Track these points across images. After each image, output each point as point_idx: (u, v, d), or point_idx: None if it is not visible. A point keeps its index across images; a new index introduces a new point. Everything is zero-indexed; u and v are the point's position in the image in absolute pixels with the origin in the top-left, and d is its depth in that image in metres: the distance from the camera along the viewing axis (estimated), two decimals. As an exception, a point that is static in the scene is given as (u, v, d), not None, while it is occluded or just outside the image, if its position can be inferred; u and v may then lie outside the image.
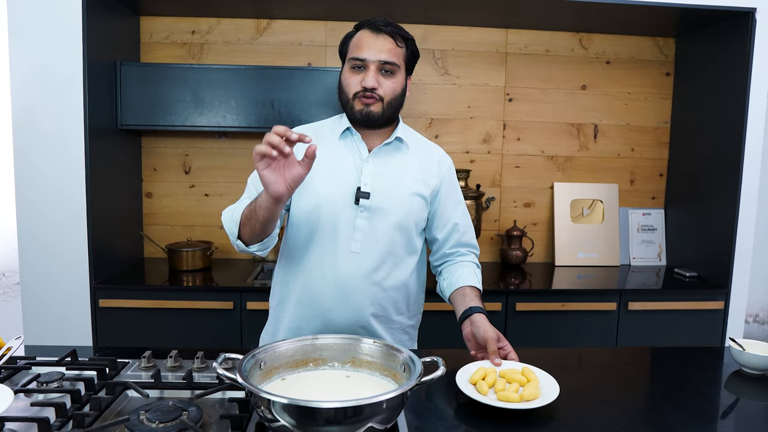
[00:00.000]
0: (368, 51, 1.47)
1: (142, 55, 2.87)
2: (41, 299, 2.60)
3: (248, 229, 1.39)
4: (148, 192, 2.96)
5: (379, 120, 1.52)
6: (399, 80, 1.52)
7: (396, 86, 1.51)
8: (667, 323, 2.61)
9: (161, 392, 1.20)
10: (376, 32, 1.48)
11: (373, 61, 1.47)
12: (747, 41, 2.52)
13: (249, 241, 1.42)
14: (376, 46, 1.47)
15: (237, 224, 1.42)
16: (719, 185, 2.70)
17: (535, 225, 3.12)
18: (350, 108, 1.51)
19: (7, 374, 1.25)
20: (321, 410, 0.92)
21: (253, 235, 1.40)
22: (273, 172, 1.22)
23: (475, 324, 1.44)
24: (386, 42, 1.48)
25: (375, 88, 1.48)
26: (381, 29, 1.48)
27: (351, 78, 1.50)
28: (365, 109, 1.49)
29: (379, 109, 1.50)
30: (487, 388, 1.22)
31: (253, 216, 1.36)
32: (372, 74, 1.47)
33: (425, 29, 2.94)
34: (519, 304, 2.51)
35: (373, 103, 1.49)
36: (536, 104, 3.06)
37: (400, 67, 1.51)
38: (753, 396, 1.35)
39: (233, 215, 1.44)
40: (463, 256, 1.67)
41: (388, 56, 1.48)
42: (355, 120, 1.53)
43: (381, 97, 1.49)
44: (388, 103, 1.50)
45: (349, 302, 1.54)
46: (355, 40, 1.51)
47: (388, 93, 1.50)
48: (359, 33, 1.51)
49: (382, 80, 1.49)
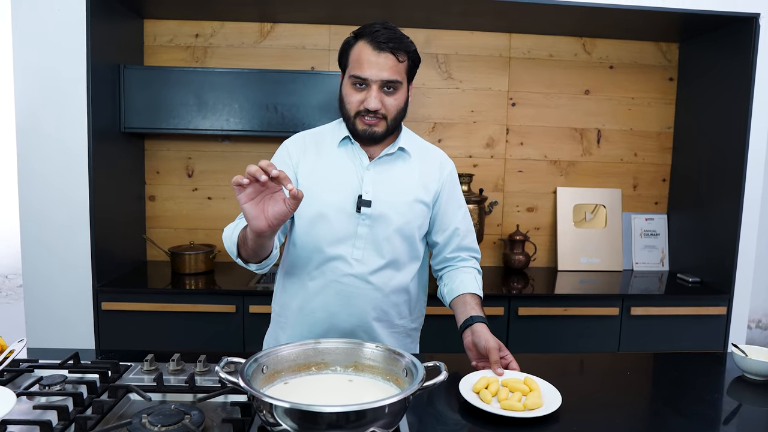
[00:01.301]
0: (369, 70, 1.42)
1: (146, 58, 2.88)
2: (44, 302, 2.60)
3: (244, 252, 1.40)
4: (150, 195, 2.96)
5: (383, 137, 1.51)
6: (401, 95, 1.49)
7: (399, 102, 1.49)
8: (669, 328, 2.60)
9: (163, 395, 1.20)
10: (377, 49, 1.42)
11: (374, 81, 1.43)
12: (750, 47, 2.52)
13: (248, 260, 1.43)
14: (378, 65, 1.42)
15: (236, 244, 1.42)
16: (722, 190, 2.69)
17: (538, 229, 3.12)
18: (352, 125, 1.50)
19: (9, 377, 1.25)
20: (323, 415, 0.92)
21: (249, 258, 1.40)
22: (254, 207, 1.18)
23: (476, 334, 1.43)
24: (388, 60, 1.43)
25: (378, 110, 1.45)
26: (382, 46, 1.42)
27: (353, 95, 1.47)
28: (369, 130, 1.48)
29: (383, 129, 1.49)
30: (490, 396, 1.22)
31: (243, 244, 1.37)
32: (374, 94, 1.44)
33: (428, 33, 2.95)
34: (521, 309, 2.51)
35: (376, 123, 1.47)
36: (539, 109, 3.06)
37: (402, 82, 1.48)
38: (755, 402, 1.35)
39: (232, 236, 1.43)
40: (464, 261, 1.67)
41: (390, 75, 1.44)
42: (356, 137, 1.52)
43: (384, 116, 1.47)
44: (391, 120, 1.49)
45: (352, 308, 1.54)
46: (355, 55, 1.46)
47: (392, 111, 1.48)
48: (359, 46, 1.45)
49: (385, 99, 1.46)
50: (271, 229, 1.21)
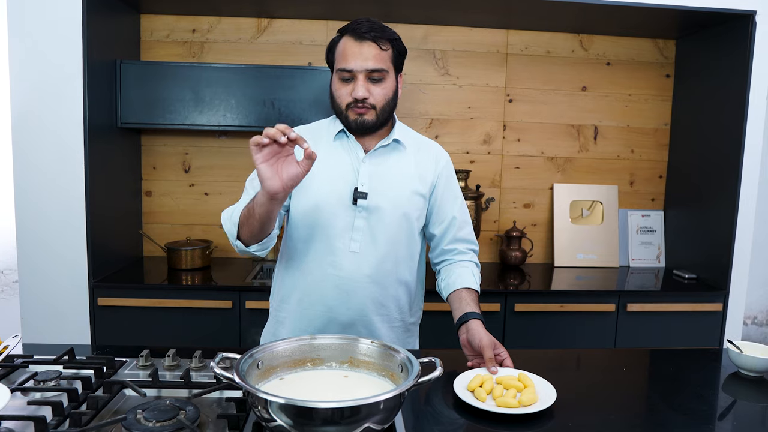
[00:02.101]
0: (354, 61, 1.45)
1: (143, 53, 2.87)
2: (39, 297, 2.60)
3: (247, 229, 1.39)
4: (147, 190, 2.96)
5: (374, 127, 1.52)
6: (389, 84, 1.51)
7: (387, 91, 1.50)
8: (665, 325, 2.61)
9: (159, 391, 1.20)
10: (359, 40, 1.45)
11: (360, 71, 1.45)
12: (747, 44, 2.52)
13: (248, 241, 1.42)
14: (362, 55, 1.45)
15: (236, 225, 1.42)
16: (718, 187, 2.70)
17: (535, 226, 3.12)
18: (344, 118, 1.52)
19: (4, 372, 1.25)
20: (318, 410, 0.92)
21: (252, 235, 1.40)
22: (269, 168, 1.22)
23: (471, 331, 1.44)
24: (371, 49, 1.46)
25: (366, 98, 1.47)
26: (364, 36, 1.45)
27: (341, 89, 1.49)
28: (359, 119, 1.50)
29: (373, 117, 1.50)
30: (485, 394, 1.22)
31: (251, 215, 1.36)
32: (361, 84, 1.46)
33: (426, 29, 2.94)
34: (518, 305, 2.51)
35: (365, 112, 1.49)
36: (536, 105, 3.06)
37: (388, 71, 1.50)
38: (750, 398, 1.35)
39: (232, 216, 1.44)
40: (462, 255, 1.67)
41: (374, 63, 1.46)
42: (350, 129, 1.54)
43: (373, 105, 1.49)
44: (381, 110, 1.50)
45: (351, 302, 1.54)
46: (340, 49, 1.49)
47: (380, 100, 1.50)
48: (343, 40, 1.49)
49: (372, 88, 1.48)
50: (284, 191, 1.25)
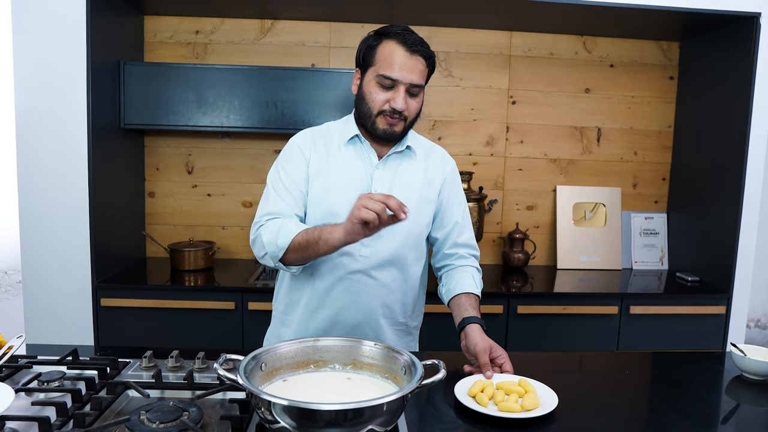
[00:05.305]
0: (401, 72, 1.44)
1: (146, 54, 2.87)
2: (43, 298, 2.60)
3: (297, 255, 1.39)
4: (150, 191, 2.96)
5: (400, 138, 1.55)
6: (421, 99, 1.53)
7: (419, 106, 1.53)
8: (668, 327, 2.60)
9: (162, 392, 1.20)
10: (411, 52, 1.44)
11: (404, 83, 1.45)
12: (751, 46, 2.52)
13: (293, 264, 1.43)
14: (409, 67, 1.45)
15: (283, 249, 1.39)
16: (722, 190, 2.69)
17: (538, 228, 3.12)
18: (372, 123, 1.50)
19: (8, 373, 1.25)
20: (321, 412, 0.92)
21: (301, 261, 1.41)
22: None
23: (468, 337, 1.44)
24: (418, 64, 1.46)
25: (403, 111, 1.48)
26: (415, 50, 1.45)
27: (378, 94, 1.48)
28: (389, 129, 1.50)
29: (401, 129, 1.51)
30: (487, 400, 1.22)
31: (309, 248, 1.36)
32: (402, 96, 1.46)
33: (429, 31, 2.94)
34: (520, 307, 2.51)
35: (397, 123, 1.50)
36: (539, 107, 3.05)
37: (423, 87, 1.52)
38: (753, 401, 1.35)
39: (278, 239, 1.40)
40: (463, 260, 1.67)
41: (418, 79, 1.47)
42: (375, 136, 1.53)
43: (405, 117, 1.50)
44: (409, 123, 1.53)
45: (359, 304, 1.55)
46: (385, 54, 1.46)
47: (413, 113, 1.52)
48: (389, 46, 1.46)
49: (409, 101, 1.49)
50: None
